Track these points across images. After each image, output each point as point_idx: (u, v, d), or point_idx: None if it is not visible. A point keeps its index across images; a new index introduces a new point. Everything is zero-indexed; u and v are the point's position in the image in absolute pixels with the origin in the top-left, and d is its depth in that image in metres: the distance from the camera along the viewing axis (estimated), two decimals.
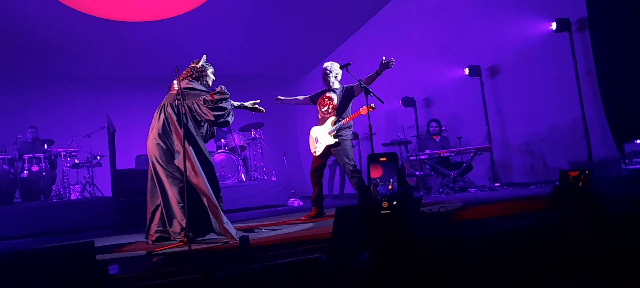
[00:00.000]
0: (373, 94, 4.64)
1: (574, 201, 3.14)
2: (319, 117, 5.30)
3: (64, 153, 8.09)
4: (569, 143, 6.25)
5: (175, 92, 4.11)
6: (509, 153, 7.28)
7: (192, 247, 3.48)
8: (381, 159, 1.09)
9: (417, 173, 7.41)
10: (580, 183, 3.25)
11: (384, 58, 4.72)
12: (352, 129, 5.24)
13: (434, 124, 7.75)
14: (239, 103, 4.49)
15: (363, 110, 4.79)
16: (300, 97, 5.58)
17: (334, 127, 5.05)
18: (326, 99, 5.25)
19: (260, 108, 4.61)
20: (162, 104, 4.19)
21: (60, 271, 2.34)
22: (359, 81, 4.74)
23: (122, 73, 10.69)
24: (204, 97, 4.10)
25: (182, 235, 3.74)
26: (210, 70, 4.48)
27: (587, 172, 3.26)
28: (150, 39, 9.35)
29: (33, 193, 7.55)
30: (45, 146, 8.10)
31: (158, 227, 4.03)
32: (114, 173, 6.72)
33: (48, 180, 7.81)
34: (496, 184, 6.88)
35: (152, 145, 4.06)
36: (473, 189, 6.72)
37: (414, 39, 8.67)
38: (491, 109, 7.36)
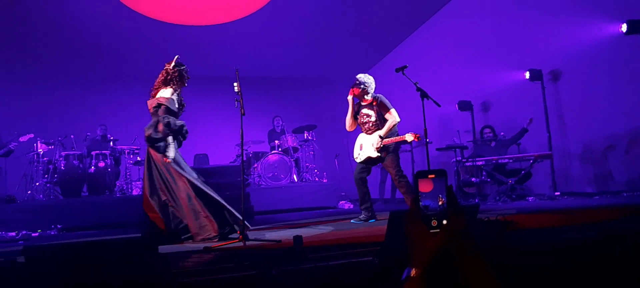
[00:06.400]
0: (430, 97, 4.58)
1: None
2: (362, 130, 5.34)
3: (128, 151, 8.52)
4: (637, 152, 5.88)
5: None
6: (570, 161, 6.94)
7: (247, 244, 3.58)
8: (430, 176, 1.07)
9: (472, 179, 7.21)
10: None
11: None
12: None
13: (487, 130, 7.51)
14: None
15: (408, 137, 4.86)
16: (349, 118, 5.40)
17: (379, 144, 5.05)
18: (364, 116, 5.25)
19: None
20: None
21: (125, 261, 2.48)
22: (415, 84, 4.70)
23: None
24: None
25: (238, 232, 3.85)
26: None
27: None
28: (211, 42, 9.68)
29: (99, 187, 8.00)
30: (111, 144, 8.56)
31: None
32: None
33: (113, 176, 8.25)
34: (557, 193, 6.58)
35: None
36: (531, 198, 6.46)
37: (472, 41, 8.46)
38: (552, 115, 7.06)
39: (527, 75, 7.17)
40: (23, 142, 7.58)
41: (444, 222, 1.09)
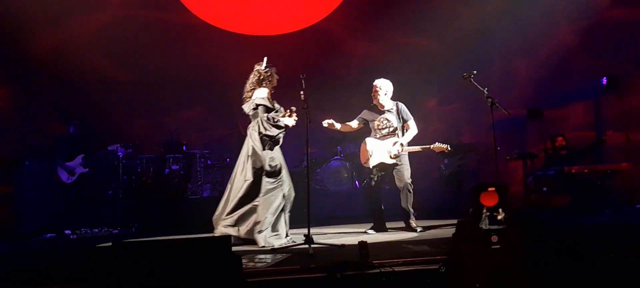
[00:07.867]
0: (498, 105, 4.48)
1: None
2: (377, 135, 5.15)
3: (199, 154, 8.92)
4: None
5: None
6: None
7: (312, 248, 3.67)
8: (489, 189, 1.05)
9: (543, 189, 6.89)
10: None
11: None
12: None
13: (560, 138, 7.17)
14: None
15: (435, 148, 4.87)
16: (354, 125, 5.31)
17: (397, 152, 4.95)
18: (384, 121, 5.12)
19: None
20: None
21: (201, 259, 2.64)
22: (484, 91, 4.60)
23: None
24: None
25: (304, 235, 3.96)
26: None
27: None
28: (277, 49, 9.95)
29: (172, 189, 8.42)
30: (184, 148, 9.00)
31: None
32: None
33: (185, 179, 8.66)
34: (638, 206, 6.16)
35: None
36: (608, 211, 6.10)
37: (545, 43, 8.08)
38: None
39: (605, 81, 6.79)
40: (109, 151, 8.21)
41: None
